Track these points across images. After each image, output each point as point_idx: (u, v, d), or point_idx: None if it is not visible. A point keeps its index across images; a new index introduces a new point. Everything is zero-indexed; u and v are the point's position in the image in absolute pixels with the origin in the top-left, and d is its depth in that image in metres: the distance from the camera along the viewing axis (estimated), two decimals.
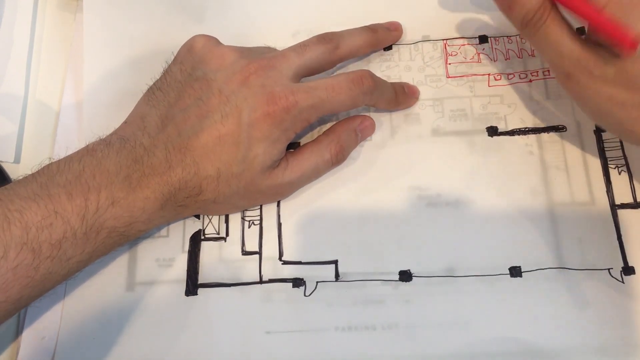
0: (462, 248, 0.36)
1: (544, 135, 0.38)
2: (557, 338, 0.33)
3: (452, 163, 0.38)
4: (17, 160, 0.40)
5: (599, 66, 0.30)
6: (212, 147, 0.32)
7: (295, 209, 0.37)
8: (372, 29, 0.39)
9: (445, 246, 0.36)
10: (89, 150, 0.32)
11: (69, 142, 0.39)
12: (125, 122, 0.35)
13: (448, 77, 0.40)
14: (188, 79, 0.35)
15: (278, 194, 0.37)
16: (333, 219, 0.37)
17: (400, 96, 0.38)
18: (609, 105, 0.31)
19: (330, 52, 0.36)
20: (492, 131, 0.38)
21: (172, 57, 0.37)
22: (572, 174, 0.37)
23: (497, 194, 0.37)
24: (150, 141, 0.33)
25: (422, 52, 0.41)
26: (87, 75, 0.41)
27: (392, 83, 0.38)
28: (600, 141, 0.38)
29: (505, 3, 0.33)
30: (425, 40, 0.41)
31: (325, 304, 0.35)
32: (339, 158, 0.37)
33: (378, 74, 0.40)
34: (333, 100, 0.34)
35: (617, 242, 0.35)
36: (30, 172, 0.32)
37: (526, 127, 0.38)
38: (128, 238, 0.33)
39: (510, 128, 0.38)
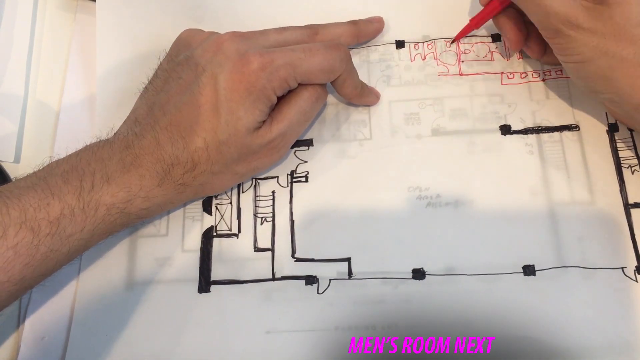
0: (463, 247, 0.36)
1: (544, 135, 0.38)
2: (570, 337, 0.33)
3: (452, 163, 0.38)
4: (17, 160, 0.40)
5: (588, 19, 0.32)
6: (195, 119, 0.33)
7: (307, 205, 0.37)
8: (352, 21, 0.40)
9: (446, 246, 0.36)
10: (87, 147, 0.34)
11: (70, 142, 0.39)
12: (123, 122, 0.36)
13: (461, 74, 0.40)
14: (172, 65, 0.36)
15: (274, 150, 0.36)
16: (337, 219, 0.37)
17: (365, 88, 0.38)
18: (593, 53, 0.32)
19: (309, 37, 0.37)
20: (505, 130, 0.38)
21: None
22: (572, 173, 0.37)
23: (497, 193, 0.37)
24: (140, 128, 0.34)
25: (422, 52, 0.41)
26: (100, 70, 0.40)
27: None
28: (613, 141, 0.38)
29: None
30: (426, 40, 0.41)
31: (327, 303, 0.35)
32: (318, 92, 0.36)
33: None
34: (310, 60, 0.34)
35: (630, 241, 0.35)
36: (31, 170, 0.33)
37: (539, 126, 0.38)
38: (130, 217, 0.33)
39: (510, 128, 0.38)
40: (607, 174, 0.37)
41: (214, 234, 0.37)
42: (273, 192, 0.38)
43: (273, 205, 0.38)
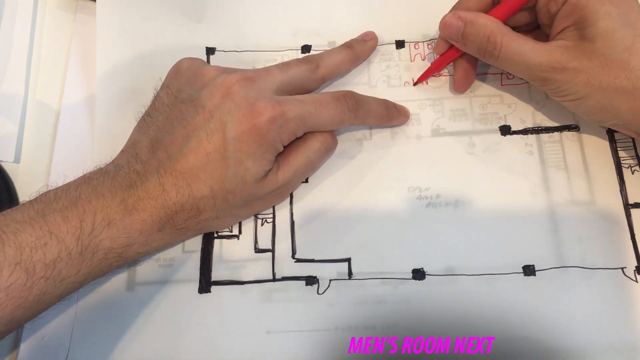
0: (463, 248, 0.36)
1: (544, 135, 0.38)
2: (570, 337, 0.33)
3: (452, 163, 0.38)
4: (17, 160, 0.40)
5: (571, 59, 0.32)
6: (202, 167, 0.32)
7: (307, 206, 0.37)
8: (347, 45, 0.39)
9: (446, 246, 0.36)
10: (86, 179, 0.32)
11: (70, 142, 0.40)
12: (121, 150, 0.35)
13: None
14: (174, 102, 0.34)
15: (278, 197, 0.36)
16: (337, 219, 0.37)
17: (393, 111, 0.38)
18: (587, 89, 0.32)
19: (312, 71, 0.37)
20: (505, 130, 0.38)
21: (160, 83, 0.37)
22: (572, 173, 0.37)
23: (497, 193, 0.37)
24: (143, 167, 0.33)
25: (422, 52, 0.41)
26: (100, 70, 0.40)
27: (384, 99, 0.38)
28: (612, 141, 0.38)
29: (458, 40, 0.35)
30: (426, 40, 0.41)
31: (327, 303, 0.35)
32: (329, 144, 0.36)
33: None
34: (320, 114, 0.34)
35: (630, 241, 0.35)
36: (28, 198, 0.31)
37: (539, 126, 0.38)
38: (126, 260, 0.33)
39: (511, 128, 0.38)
40: (607, 174, 0.37)
41: (215, 234, 0.37)
42: None
43: (273, 206, 0.37)
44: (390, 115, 0.38)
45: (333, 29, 0.41)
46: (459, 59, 0.38)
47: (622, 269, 0.35)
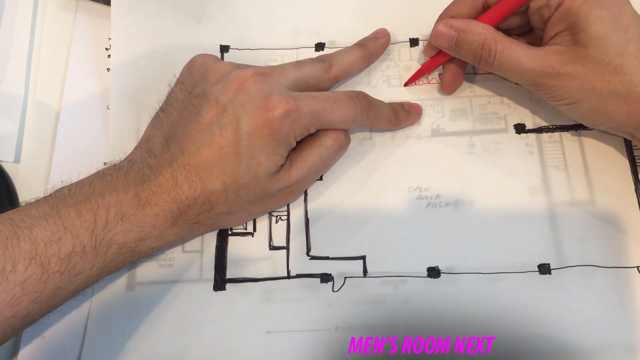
0: (463, 248, 0.36)
1: (544, 135, 0.38)
2: (572, 337, 0.33)
3: (452, 163, 0.38)
4: (17, 160, 0.40)
5: (564, 64, 0.32)
6: (215, 161, 0.32)
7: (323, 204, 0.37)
8: (360, 44, 0.39)
9: (445, 246, 0.36)
10: (100, 175, 0.33)
11: (70, 142, 0.40)
12: (135, 147, 0.35)
13: (475, 74, 0.40)
14: (188, 97, 0.35)
15: (291, 194, 0.36)
16: (336, 219, 0.37)
17: (401, 114, 0.38)
18: (580, 94, 0.32)
19: (326, 70, 0.37)
20: (520, 129, 0.38)
21: (175, 79, 0.37)
22: (571, 173, 0.37)
23: (497, 194, 0.37)
24: (156, 161, 0.33)
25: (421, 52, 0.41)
26: (114, 68, 0.40)
27: (391, 103, 0.38)
28: (628, 140, 0.38)
29: (451, 49, 0.35)
30: (425, 39, 0.41)
31: (326, 303, 0.35)
32: (342, 141, 0.36)
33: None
34: (334, 112, 0.34)
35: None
36: (28, 198, 0.32)
37: (554, 125, 0.38)
38: (140, 255, 0.33)
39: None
40: (607, 173, 0.37)
41: (230, 232, 0.37)
42: None
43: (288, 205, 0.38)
44: (399, 119, 0.38)
45: (332, 29, 0.41)
46: (448, 61, 0.38)
47: (622, 268, 0.35)
